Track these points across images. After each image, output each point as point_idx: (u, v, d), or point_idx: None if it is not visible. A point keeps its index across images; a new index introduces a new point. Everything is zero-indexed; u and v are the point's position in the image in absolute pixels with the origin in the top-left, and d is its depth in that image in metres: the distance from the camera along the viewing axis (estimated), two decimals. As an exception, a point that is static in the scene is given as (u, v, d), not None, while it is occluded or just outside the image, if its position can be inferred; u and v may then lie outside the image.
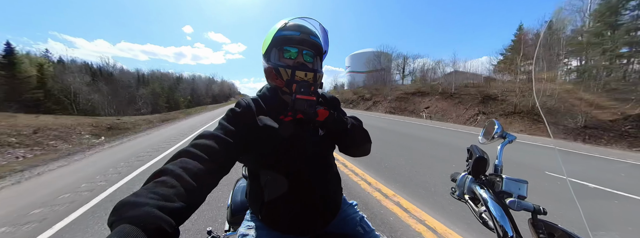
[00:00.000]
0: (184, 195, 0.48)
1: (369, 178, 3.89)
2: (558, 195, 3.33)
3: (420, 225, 2.43)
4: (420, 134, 9.08)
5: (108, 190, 3.52)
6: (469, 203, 0.72)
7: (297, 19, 0.83)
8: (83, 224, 2.54)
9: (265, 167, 0.79)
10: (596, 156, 6.46)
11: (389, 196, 3.12)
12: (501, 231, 0.54)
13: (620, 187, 3.71)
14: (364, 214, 0.97)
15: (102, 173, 4.38)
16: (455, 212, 2.68)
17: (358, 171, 4.19)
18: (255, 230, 0.85)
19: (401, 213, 2.66)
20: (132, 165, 4.90)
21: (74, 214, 2.78)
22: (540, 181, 3.87)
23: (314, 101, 0.74)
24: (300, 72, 0.77)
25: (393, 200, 3.00)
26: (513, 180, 0.63)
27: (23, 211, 2.88)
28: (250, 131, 0.72)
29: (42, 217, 2.72)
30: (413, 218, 2.55)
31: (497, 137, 0.77)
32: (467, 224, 2.42)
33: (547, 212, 0.56)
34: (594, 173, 4.65)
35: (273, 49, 0.81)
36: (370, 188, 3.45)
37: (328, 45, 0.90)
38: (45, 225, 2.54)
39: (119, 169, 4.65)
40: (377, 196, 3.15)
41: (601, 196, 3.43)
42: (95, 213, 2.80)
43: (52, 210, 2.91)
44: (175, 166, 0.53)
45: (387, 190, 3.34)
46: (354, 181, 3.74)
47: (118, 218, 0.39)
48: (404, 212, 2.70)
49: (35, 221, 2.62)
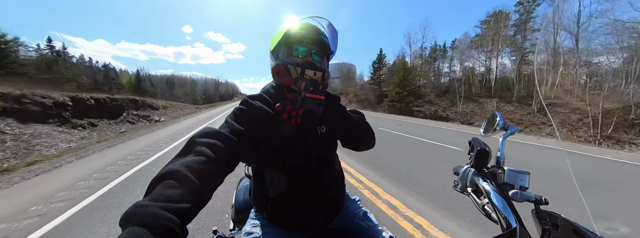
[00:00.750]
0: (190, 195, 0.48)
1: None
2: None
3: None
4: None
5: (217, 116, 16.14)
6: (471, 196, 0.72)
7: (308, 18, 0.83)
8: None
9: (270, 165, 0.80)
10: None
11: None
12: (505, 222, 0.54)
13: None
14: (367, 209, 0.97)
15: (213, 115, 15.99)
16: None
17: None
18: (260, 227, 0.85)
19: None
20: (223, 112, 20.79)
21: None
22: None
23: (323, 100, 0.74)
24: (309, 71, 0.77)
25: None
26: (515, 171, 0.62)
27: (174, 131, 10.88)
28: (255, 129, 0.72)
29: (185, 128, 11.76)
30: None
31: (499, 129, 0.77)
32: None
33: (549, 202, 0.56)
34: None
35: (282, 47, 0.81)
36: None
37: (336, 46, 0.90)
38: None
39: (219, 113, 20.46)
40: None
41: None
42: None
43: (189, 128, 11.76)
44: (180, 166, 0.53)
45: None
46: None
47: (127, 220, 0.40)
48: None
49: (179, 133, 9.54)
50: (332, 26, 0.87)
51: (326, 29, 0.87)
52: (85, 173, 4.32)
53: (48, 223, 2.52)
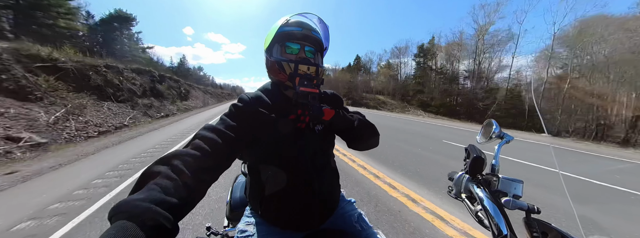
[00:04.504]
0: (184, 191, 0.48)
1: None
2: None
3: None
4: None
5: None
6: (465, 202, 0.73)
7: (298, 15, 0.84)
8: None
9: (266, 163, 0.80)
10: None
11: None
12: (496, 229, 0.55)
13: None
14: (362, 211, 0.98)
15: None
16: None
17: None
18: (254, 225, 0.85)
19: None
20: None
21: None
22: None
23: (317, 94, 0.75)
24: (303, 66, 0.78)
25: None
26: (509, 179, 0.63)
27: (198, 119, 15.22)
28: (251, 126, 0.73)
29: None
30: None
31: (495, 137, 0.78)
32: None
33: (541, 211, 0.57)
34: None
35: (275, 45, 0.82)
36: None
37: (329, 41, 0.91)
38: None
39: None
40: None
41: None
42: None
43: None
44: (176, 161, 0.53)
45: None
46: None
47: (117, 213, 0.39)
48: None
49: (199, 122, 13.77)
50: (322, 22, 0.88)
51: (317, 25, 0.87)
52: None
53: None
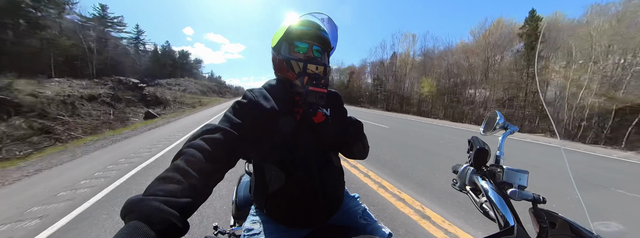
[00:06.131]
0: (191, 190, 0.49)
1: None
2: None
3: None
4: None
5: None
6: (470, 194, 0.73)
7: (308, 14, 0.84)
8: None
9: (269, 161, 0.80)
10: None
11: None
12: (502, 221, 0.55)
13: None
14: (366, 206, 0.98)
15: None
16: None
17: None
18: (260, 224, 0.86)
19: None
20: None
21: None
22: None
23: (325, 94, 0.76)
24: (311, 66, 0.78)
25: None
26: (514, 170, 0.63)
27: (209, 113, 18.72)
28: (255, 123, 0.73)
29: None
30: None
31: (499, 128, 0.77)
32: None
33: (546, 200, 0.56)
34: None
35: (283, 43, 0.83)
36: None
37: (336, 41, 0.91)
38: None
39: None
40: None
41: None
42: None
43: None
44: (182, 162, 0.54)
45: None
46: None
47: (129, 212, 0.41)
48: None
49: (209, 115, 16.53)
50: (332, 22, 0.88)
51: (326, 25, 0.87)
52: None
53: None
